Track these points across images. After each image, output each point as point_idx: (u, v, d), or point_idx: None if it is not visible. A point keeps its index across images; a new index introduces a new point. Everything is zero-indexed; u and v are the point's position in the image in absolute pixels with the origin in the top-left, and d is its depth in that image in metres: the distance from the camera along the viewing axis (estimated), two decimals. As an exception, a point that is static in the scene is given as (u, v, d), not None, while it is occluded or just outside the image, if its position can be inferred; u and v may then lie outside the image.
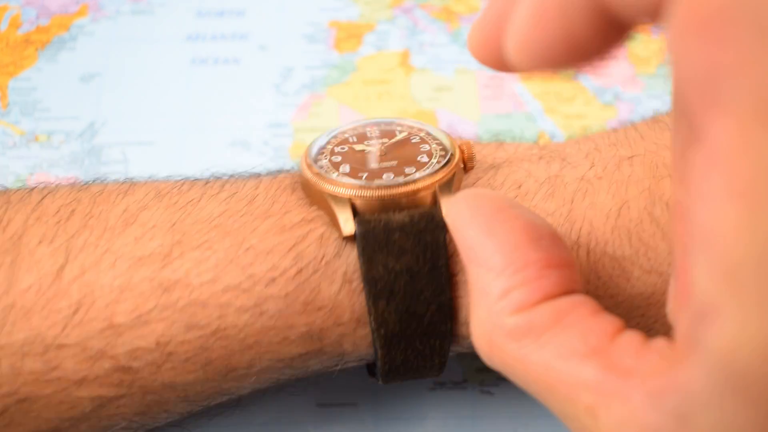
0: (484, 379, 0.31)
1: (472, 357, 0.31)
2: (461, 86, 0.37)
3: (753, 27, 0.11)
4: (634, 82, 0.37)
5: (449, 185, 0.24)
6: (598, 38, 0.14)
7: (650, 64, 0.37)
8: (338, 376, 0.31)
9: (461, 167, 0.25)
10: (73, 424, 0.23)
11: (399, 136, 0.26)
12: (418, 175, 0.24)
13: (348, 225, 0.23)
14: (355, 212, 0.23)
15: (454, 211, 0.20)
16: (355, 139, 0.26)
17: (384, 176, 0.24)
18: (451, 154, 0.25)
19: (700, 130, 0.12)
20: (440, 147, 0.25)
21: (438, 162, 0.24)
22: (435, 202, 0.24)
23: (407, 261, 0.23)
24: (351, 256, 0.24)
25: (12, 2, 0.38)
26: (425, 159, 0.25)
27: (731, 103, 0.12)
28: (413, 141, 0.25)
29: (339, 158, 0.25)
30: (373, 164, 0.25)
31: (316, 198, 0.24)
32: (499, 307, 0.18)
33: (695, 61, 0.12)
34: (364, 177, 0.24)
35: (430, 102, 0.36)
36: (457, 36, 0.38)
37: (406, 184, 0.23)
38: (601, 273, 0.24)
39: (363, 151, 0.25)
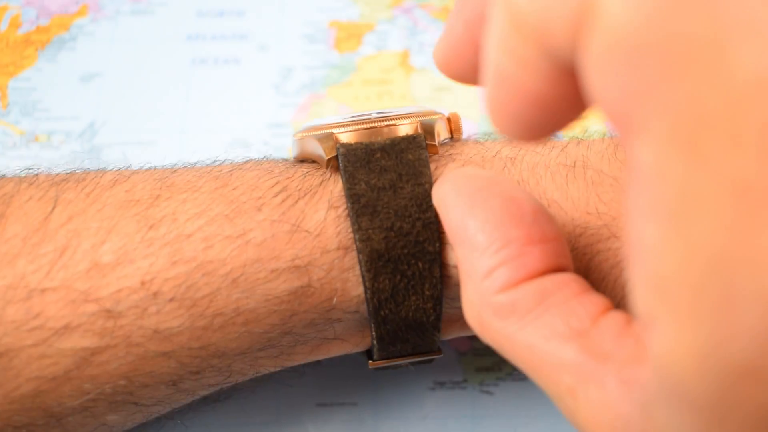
0: (484, 379, 0.31)
1: (472, 356, 0.31)
2: (461, 86, 0.37)
3: (664, 51, 0.11)
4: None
5: (431, 130, 0.24)
6: (564, 96, 0.14)
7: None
8: (338, 376, 0.31)
9: (448, 133, 0.25)
10: (56, 384, 0.22)
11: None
12: (402, 112, 0.24)
13: (330, 150, 0.24)
14: (339, 143, 0.24)
15: (440, 192, 0.20)
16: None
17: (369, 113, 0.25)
18: (437, 111, 0.25)
19: (627, 152, 0.13)
20: (425, 108, 0.26)
21: (421, 109, 0.25)
22: (416, 131, 0.24)
23: (390, 178, 0.23)
24: (336, 184, 0.24)
25: (12, 2, 0.38)
26: (411, 108, 0.25)
27: (647, 127, 0.12)
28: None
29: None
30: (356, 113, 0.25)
31: (305, 154, 0.25)
32: (485, 286, 0.18)
33: (612, 87, 0.12)
34: (347, 117, 0.25)
35: (430, 102, 0.36)
36: (457, 36, 0.38)
37: (388, 117, 0.24)
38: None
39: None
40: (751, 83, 0.11)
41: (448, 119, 0.25)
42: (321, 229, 0.23)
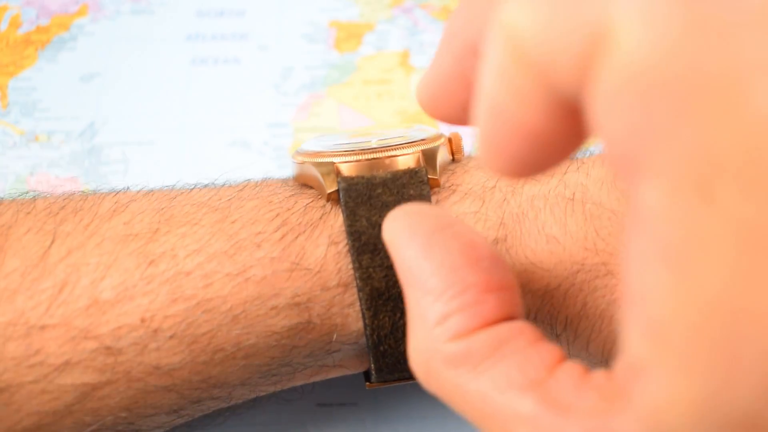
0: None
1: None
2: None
3: (681, 90, 0.11)
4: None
5: (433, 159, 0.24)
6: (560, 130, 0.14)
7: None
8: (338, 376, 0.31)
9: (448, 150, 0.25)
10: (57, 418, 0.22)
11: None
12: (404, 140, 0.24)
13: (331, 183, 0.23)
14: (340, 173, 0.23)
15: (392, 228, 0.19)
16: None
17: (369, 137, 0.24)
18: (437, 134, 0.25)
19: (630, 192, 0.12)
20: (426, 131, 0.25)
21: (422, 133, 0.25)
22: (418, 162, 0.24)
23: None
24: (336, 219, 0.24)
25: (12, 2, 0.38)
26: (413, 132, 0.25)
27: (658, 169, 0.11)
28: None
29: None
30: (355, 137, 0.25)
31: (304, 178, 0.25)
32: (436, 333, 0.17)
33: (622, 124, 0.12)
34: (348, 143, 0.24)
35: (430, 102, 0.36)
36: (457, 36, 0.38)
37: (389, 147, 0.24)
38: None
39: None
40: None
41: (449, 139, 0.25)
42: (321, 265, 0.23)
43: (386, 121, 0.35)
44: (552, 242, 0.23)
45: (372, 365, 0.24)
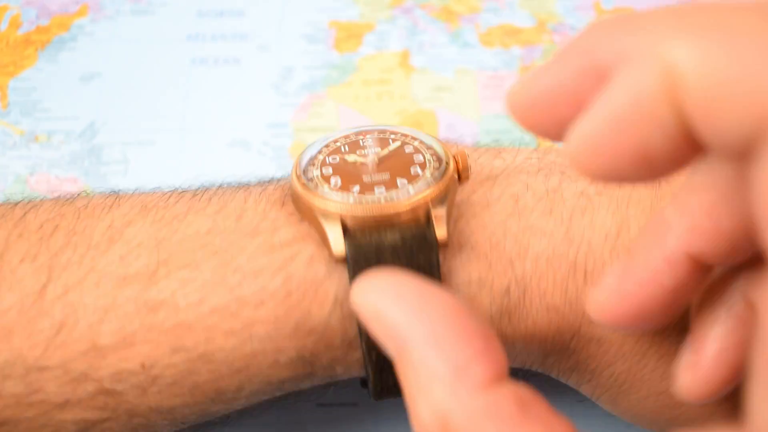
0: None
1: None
2: (461, 86, 0.37)
3: None
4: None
5: (443, 200, 0.23)
6: (675, 155, 0.14)
7: (650, 64, 0.37)
8: (338, 376, 0.31)
9: (455, 179, 0.24)
10: None
11: (392, 146, 0.25)
12: (411, 190, 0.23)
13: (338, 245, 0.22)
14: (345, 228, 0.22)
15: (369, 298, 0.17)
16: (347, 149, 0.25)
17: (376, 190, 0.23)
18: (446, 166, 0.24)
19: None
20: (434, 156, 0.24)
21: (431, 175, 0.24)
22: (427, 218, 0.23)
23: None
24: (342, 277, 0.23)
25: (12, 2, 0.38)
26: (418, 171, 0.24)
27: None
28: (407, 150, 0.25)
29: (330, 170, 0.24)
30: (365, 177, 0.24)
31: (306, 212, 0.23)
32: (456, 386, 0.16)
33: None
34: (355, 192, 0.23)
35: (430, 102, 0.36)
36: (457, 36, 0.38)
37: (397, 202, 0.23)
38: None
39: (355, 162, 0.24)
40: None
41: (455, 159, 0.24)
42: (326, 326, 0.23)
43: (386, 121, 0.35)
44: (552, 312, 0.24)
45: (372, 395, 0.25)
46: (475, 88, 0.37)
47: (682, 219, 0.17)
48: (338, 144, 0.25)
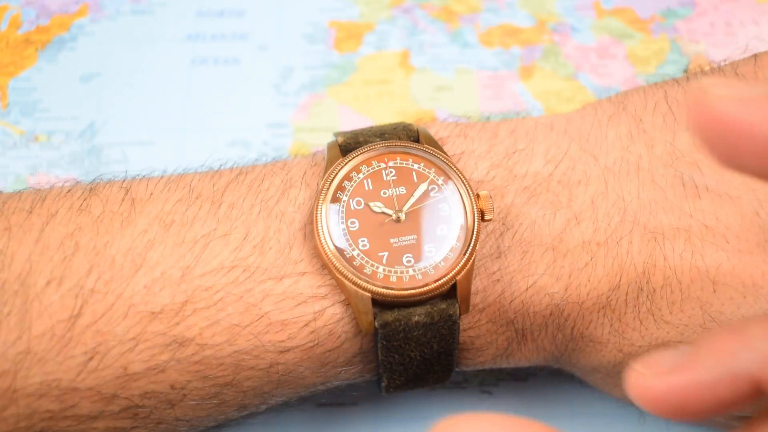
0: (483, 379, 0.31)
1: (472, 357, 0.31)
2: (461, 86, 0.37)
3: None
4: (634, 82, 0.37)
5: (467, 290, 0.24)
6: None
7: (650, 64, 0.37)
8: (338, 376, 0.31)
9: (479, 215, 0.24)
10: None
11: (417, 192, 0.25)
12: (440, 262, 0.24)
13: (368, 323, 0.23)
14: (374, 300, 0.23)
15: None
16: (370, 186, 0.25)
17: (404, 259, 0.24)
18: (473, 233, 0.24)
19: None
20: (459, 203, 0.25)
21: (458, 241, 0.24)
22: (453, 290, 0.24)
23: (423, 350, 0.24)
24: (369, 346, 0.24)
25: (12, 2, 0.38)
26: (444, 232, 0.24)
27: None
28: (432, 196, 0.25)
29: (356, 224, 0.24)
30: (393, 239, 0.24)
31: (333, 274, 0.24)
32: None
33: None
34: (384, 264, 0.24)
35: (430, 102, 0.36)
36: (457, 36, 0.38)
37: (426, 278, 0.23)
38: (579, 351, 0.26)
39: (382, 214, 0.24)
40: None
41: (477, 196, 0.24)
42: (348, 369, 0.25)
43: (385, 120, 0.35)
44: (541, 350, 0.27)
45: (383, 391, 0.26)
46: (475, 88, 0.37)
47: (766, 346, 0.17)
48: (361, 176, 0.25)
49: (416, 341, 0.24)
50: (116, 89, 0.36)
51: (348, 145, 0.25)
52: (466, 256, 0.24)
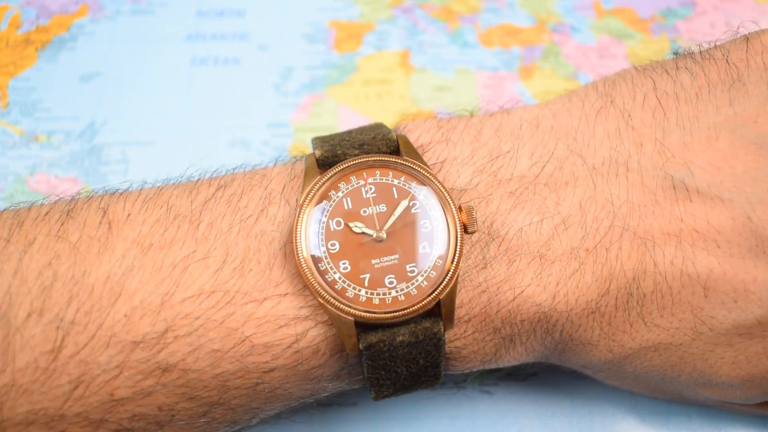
0: (483, 379, 0.31)
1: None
2: (461, 86, 0.37)
3: None
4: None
5: (450, 309, 0.24)
6: None
7: (650, 64, 0.37)
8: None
9: (461, 227, 0.24)
10: None
11: (398, 210, 0.24)
12: (423, 282, 0.23)
13: (352, 344, 0.23)
14: (357, 323, 0.23)
15: None
16: (350, 205, 0.24)
17: (386, 281, 0.23)
18: (456, 249, 0.24)
19: None
20: (442, 218, 0.24)
21: (440, 258, 0.24)
22: (437, 306, 0.24)
23: (409, 366, 0.24)
24: (351, 355, 0.24)
25: (12, 2, 0.38)
26: (426, 249, 0.24)
27: None
28: (413, 212, 0.24)
29: (336, 245, 0.24)
30: (374, 260, 0.24)
31: (316, 296, 0.23)
32: None
33: None
34: (366, 287, 0.23)
35: (430, 102, 0.36)
36: (457, 36, 0.38)
37: (409, 299, 0.23)
38: (569, 351, 0.26)
39: (362, 234, 0.24)
40: None
41: (460, 209, 0.24)
42: (335, 377, 0.25)
43: (386, 120, 0.35)
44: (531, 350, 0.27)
45: (373, 397, 0.26)
46: (475, 88, 0.37)
47: None
48: (340, 194, 0.24)
49: (402, 359, 0.24)
50: (116, 89, 0.36)
51: (326, 159, 0.25)
52: (449, 275, 0.23)
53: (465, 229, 0.24)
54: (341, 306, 0.23)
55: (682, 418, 0.31)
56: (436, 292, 0.23)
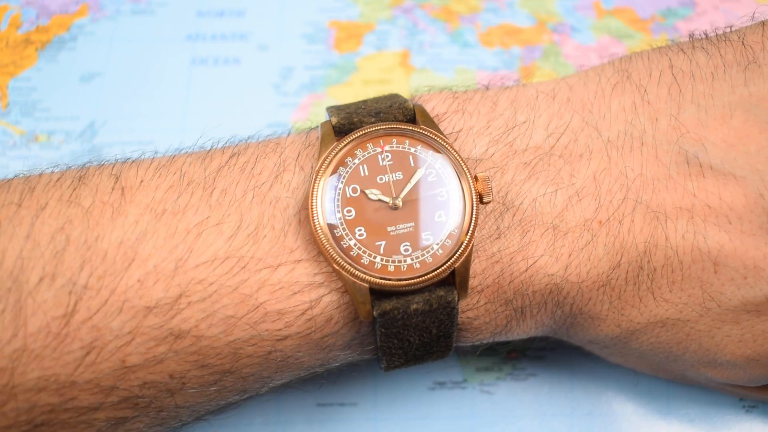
0: (484, 379, 0.31)
1: (472, 357, 0.31)
2: (461, 86, 0.37)
3: None
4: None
5: (465, 277, 0.24)
6: None
7: (650, 64, 0.37)
8: (338, 376, 0.31)
9: (477, 197, 0.24)
10: None
11: (414, 178, 0.24)
12: (438, 250, 0.23)
13: (366, 311, 0.23)
14: (372, 290, 0.23)
15: None
16: (366, 172, 0.24)
17: (401, 248, 0.23)
18: (472, 218, 0.24)
19: None
20: (458, 187, 0.24)
21: (456, 227, 0.24)
22: (451, 276, 0.24)
23: (422, 335, 0.24)
24: (365, 323, 0.24)
25: (12, 2, 0.38)
26: (442, 218, 0.24)
27: None
28: (429, 181, 0.24)
29: (352, 212, 0.24)
30: (390, 228, 0.23)
31: (331, 263, 0.23)
32: None
33: None
34: (381, 254, 0.23)
35: (430, 102, 0.36)
36: (457, 36, 0.38)
37: (424, 266, 0.23)
38: (577, 326, 0.26)
39: (378, 201, 0.24)
40: None
41: (476, 178, 0.24)
42: (347, 350, 0.25)
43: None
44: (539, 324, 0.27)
45: (383, 368, 0.26)
46: (474, 88, 0.37)
47: None
48: (357, 161, 0.24)
49: (415, 327, 0.24)
50: (116, 89, 0.36)
51: (342, 126, 0.25)
52: (464, 244, 0.23)
53: (480, 198, 0.24)
54: (356, 272, 0.23)
55: (683, 417, 0.31)
56: (451, 261, 0.23)
